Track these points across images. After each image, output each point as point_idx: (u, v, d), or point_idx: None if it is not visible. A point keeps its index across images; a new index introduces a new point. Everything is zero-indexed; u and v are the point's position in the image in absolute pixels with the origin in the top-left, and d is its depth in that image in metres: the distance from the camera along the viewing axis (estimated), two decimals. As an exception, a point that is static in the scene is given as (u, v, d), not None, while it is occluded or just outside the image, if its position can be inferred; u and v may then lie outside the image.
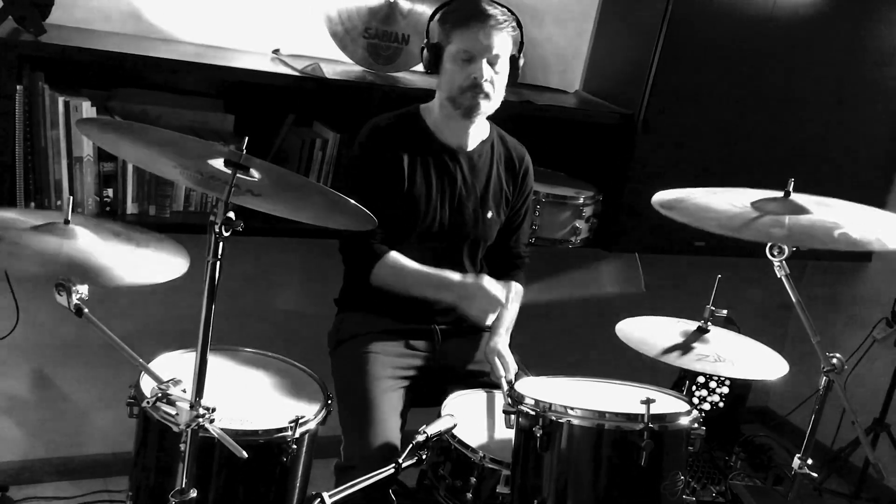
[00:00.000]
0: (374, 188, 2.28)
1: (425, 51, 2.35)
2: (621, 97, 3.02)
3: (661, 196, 2.04)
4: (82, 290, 1.65)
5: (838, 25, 3.12)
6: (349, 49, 2.66)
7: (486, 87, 2.27)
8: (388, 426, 2.16)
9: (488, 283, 2.28)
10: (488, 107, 2.31)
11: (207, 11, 2.63)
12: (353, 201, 1.69)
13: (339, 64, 2.70)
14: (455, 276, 2.32)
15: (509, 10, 2.31)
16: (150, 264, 1.75)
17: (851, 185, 3.34)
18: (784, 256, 1.90)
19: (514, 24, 2.31)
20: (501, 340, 2.34)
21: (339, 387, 2.33)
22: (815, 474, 2.01)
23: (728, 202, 1.99)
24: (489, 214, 2.43)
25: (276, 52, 2.71)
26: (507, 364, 2.29)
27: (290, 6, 2.72)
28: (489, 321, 2.33)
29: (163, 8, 2.58)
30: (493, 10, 2.26)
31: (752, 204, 1.95)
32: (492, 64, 2.27)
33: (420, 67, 2.76)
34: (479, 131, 2.42)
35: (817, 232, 1.86)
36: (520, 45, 2.37)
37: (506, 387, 2.19)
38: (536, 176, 2.57)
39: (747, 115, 3.10)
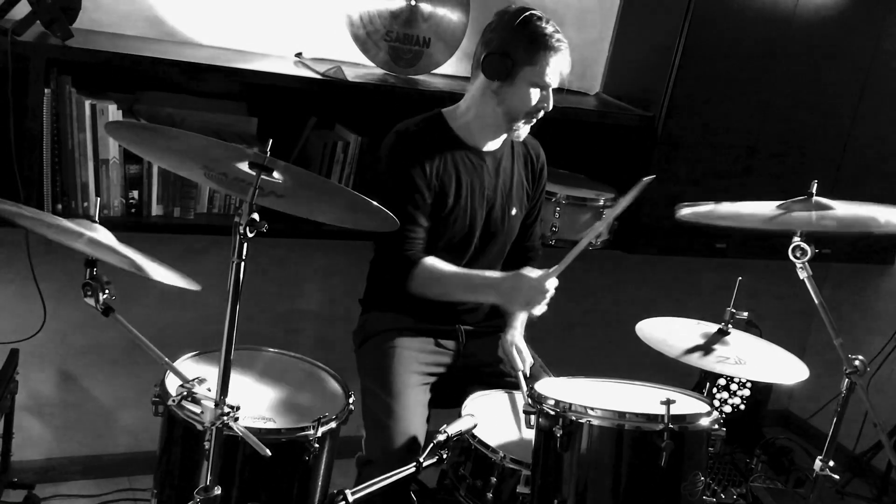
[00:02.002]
0: (408, 195, 2.27)
1: (493, 57, 2.23)
2: (642, 99, 3.02)
3: (686, 211, 2.04)
4: (109, 288, 1.68)
5: (860, 25, 3.11)
6: (371, 52, 2.68)
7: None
8: (412, 421, 2.17)
9: (529, 271, 2.22)
10: None
11: (231, 16, 2.66)
12: (374, 202, 1.71)
13: (360, 67, 2.72)
14: (493, 273, 2.32)
15: None
16: (162, 270, 1.80)
17: (875, 186, 3.33)
18: (807, 258, 1.89)
19: None
20: (517, 333, 2.37)
21: (363, 381, 2.35)
22: (836, 476, 2.01)
23: (753, 208, 2.00)
24: (513, 212, 2.44)
25: (298, 55, 2.73)
26: (523, 357, 2.32)
27: (313, 10, 2.74)
28: (538, 311, 2.24)
29: (186, 12, 2.61)
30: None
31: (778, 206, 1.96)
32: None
33: (442, 70, 2.79)
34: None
35: (862, 219, 1.89)
36: None
37: (522, 378, 2.22)
38: (557, 178, 2.58)
39: (768, 117, 3.08)
